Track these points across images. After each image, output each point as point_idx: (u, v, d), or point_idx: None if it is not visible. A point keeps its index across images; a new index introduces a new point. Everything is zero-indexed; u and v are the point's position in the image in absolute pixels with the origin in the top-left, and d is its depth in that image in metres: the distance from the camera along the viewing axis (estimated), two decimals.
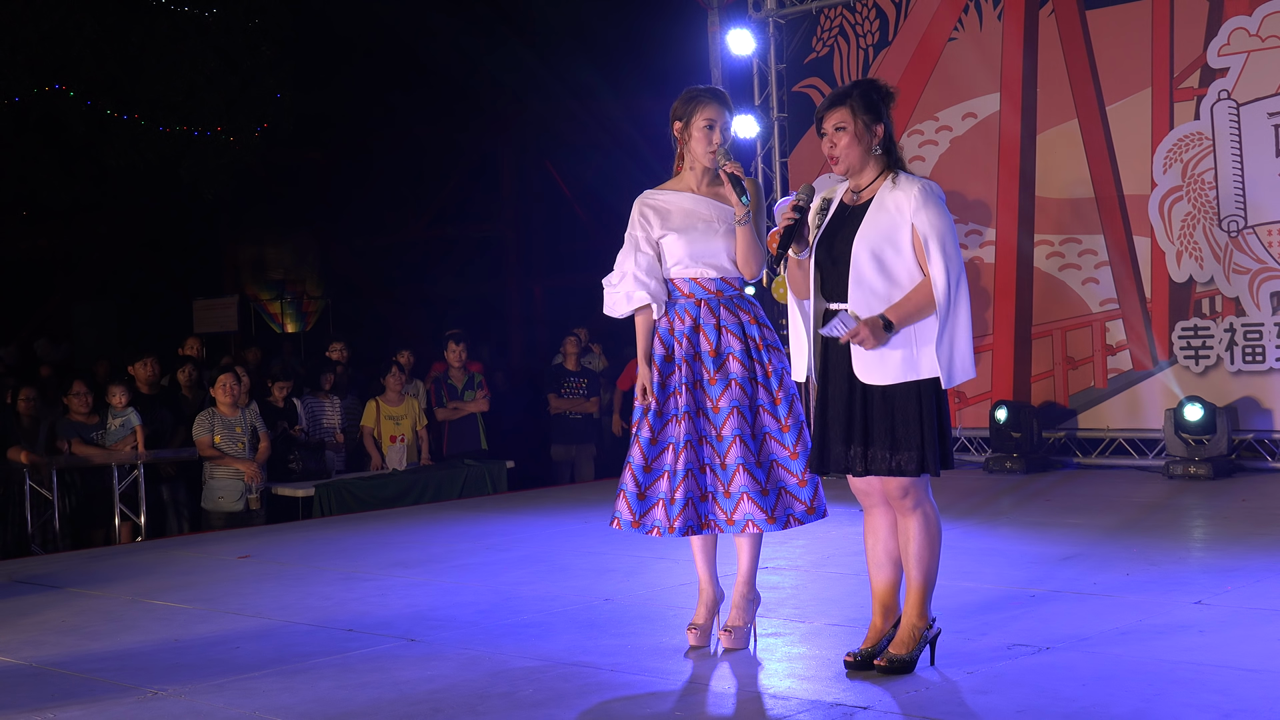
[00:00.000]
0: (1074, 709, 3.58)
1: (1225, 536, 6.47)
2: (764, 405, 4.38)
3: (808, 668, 4.19)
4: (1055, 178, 9.58)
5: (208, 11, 15.62)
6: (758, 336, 4.43)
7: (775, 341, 4.47)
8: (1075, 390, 9.52)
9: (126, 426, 8.92)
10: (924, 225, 3.95)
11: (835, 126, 4.07)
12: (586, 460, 10.74)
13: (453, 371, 10.30)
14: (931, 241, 3.94)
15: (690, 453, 4.37)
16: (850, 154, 4.07)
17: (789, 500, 4.34)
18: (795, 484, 4.34)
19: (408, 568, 6.38)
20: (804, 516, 4.36)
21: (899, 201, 3.99)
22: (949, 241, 3.95)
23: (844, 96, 4.09)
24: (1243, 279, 8.77)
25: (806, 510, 4.36)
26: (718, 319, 4.42)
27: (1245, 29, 8.71)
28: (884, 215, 4.00)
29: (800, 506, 4.35)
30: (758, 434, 4.36)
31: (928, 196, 3.98)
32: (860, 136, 4.06)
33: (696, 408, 4.40)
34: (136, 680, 4.37)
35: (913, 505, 4.02)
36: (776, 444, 4.36)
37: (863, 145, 4.06)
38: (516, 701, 3.91)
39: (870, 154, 4.08)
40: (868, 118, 4.06)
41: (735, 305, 4.45)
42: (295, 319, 20.88)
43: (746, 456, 4.31)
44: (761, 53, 10.85)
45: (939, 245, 3.94)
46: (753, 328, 4.43)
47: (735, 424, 4.34)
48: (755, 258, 4.42)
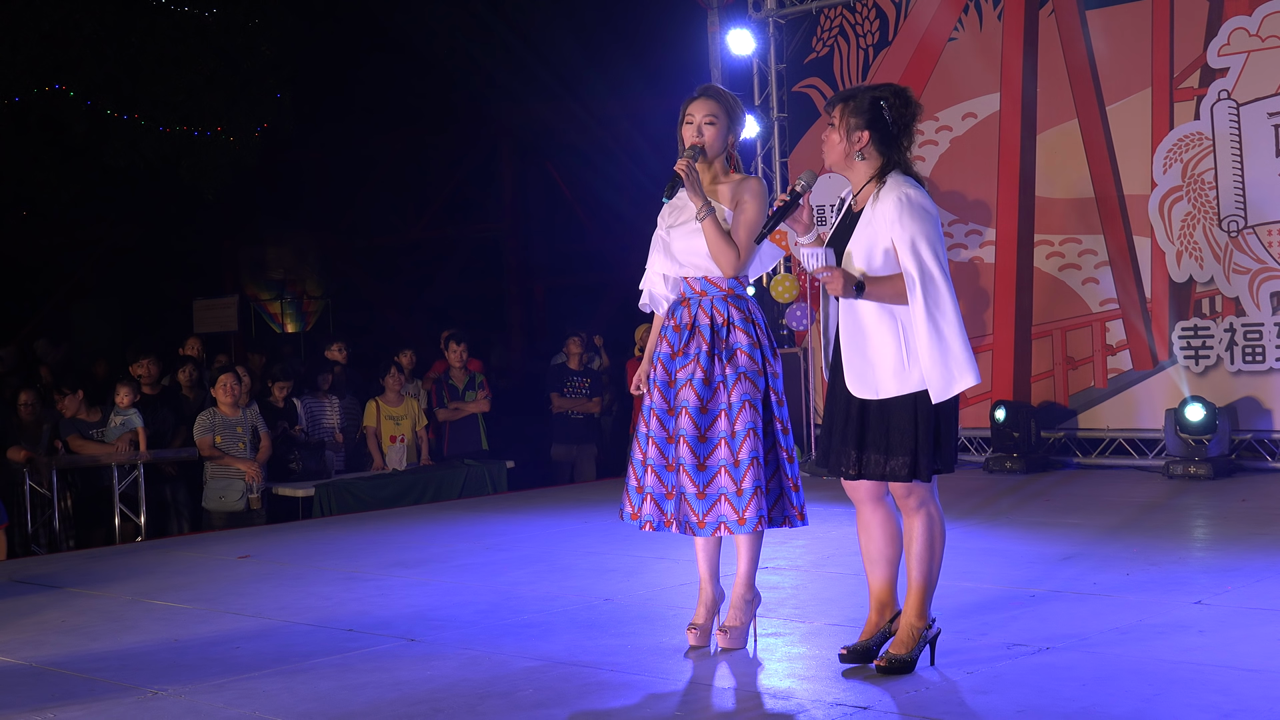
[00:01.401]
0: (1074, 709, 3.59)
1: (1225, 536, 6.47)
2: (724, 409, 4.32)
3: (808, 668, 4.19)
4: (1055, 178, 9.58)
5: (208, 11, 15.60)
6: (725, 339, 4.36)
7: (748, 345, 4.37)
8: (1075, 390, 9.52)
9: (127, 425, 8.95)
10: (899, 237, 3.95)
11: (827, 122, 4.15)
12: (588, 460, 10.73)
13: (453, 371, 10.30)
14: (904, 253, 3.92)
15: (656, 449, 4.38)
16: (830, 153, 4.14)
17: (724, 508, 4.26)
18: (733, 492, 4.25)
19: (408, 568, 6.38)
20: (734, 526, 4.25)
21: (882, 212, 3.99)
22: (924, 250, 3.90)
23: (849, 96, 4.11)
24: (1243, 279, 8.77)
25: (737, 520, 4.24)
26: (693, 320, 4.42)
27: (1245, 29, 8.71)
28: (869, 228, 4.02)
29: (733, 516, 4.24)
30: (710, 438, 4.29)
31: (903, 208, 3.94)
32: (843, 137, 4.08)
33: (667, 406, 4.41)
34: (136, 680, 4.37)
35: (917, 505, 4.02)
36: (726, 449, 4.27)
37: (841, 148, 4.09)
38: (516, 702, 3.91)
39: (851, 158, 4.08)
40: (855, 121, 4.06)
41: (714, 306, 4.41)
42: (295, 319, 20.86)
43: (689, 459, 4.27)
44: (761, 53, 10.85)
45: (913, 256, 3.90)
46: (724, 330, 4.37)
47: (683, 424, 4.30)
48: (721, 255, 4.36)
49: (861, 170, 4.10)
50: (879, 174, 4.07)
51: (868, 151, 4.07)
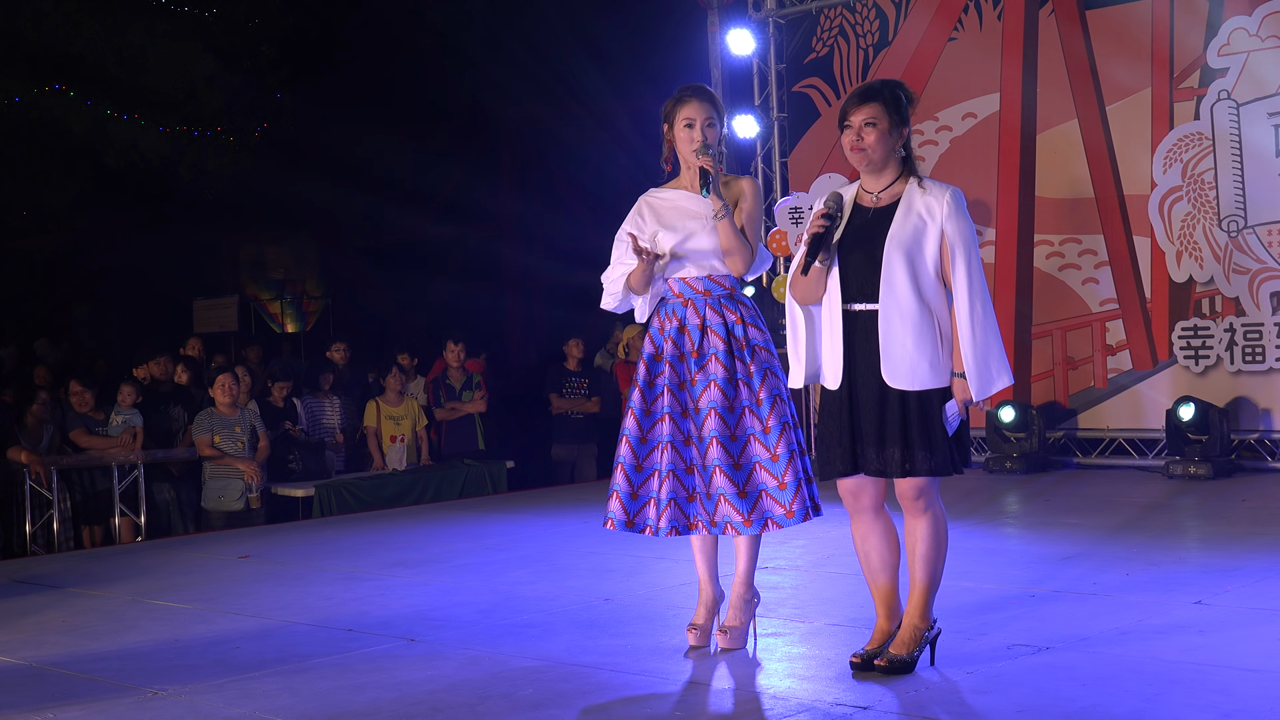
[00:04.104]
0: (1074, 709, 3.58)
1: (1225, 536, 6.47)
2: (748, 406, 4.33)
3: (807, 668, 4.19)
4: (1055, 178, 9.58)
5: (208, 11, 15.60)
6: (742, 336, 4.38)
7: (763, 341, 4.41)
8: (1075, 390, 9.53)
9: (129, 424, 8.97)
10: (953, 233, 3.97)
11: (865, 121, 4.03)
12: (588, 460, 10.73)
13: (451, 372, 10.29)
14: (959, 251, 3.96)
15: (674, 453, 4.36)
16: (878, 150, 4.04)
17: (768, 503, 4.27)
18: (775, 487, 4.26)
19: (408, 568, 6.38)
20: (782, 520, 4.26)
21: (930, 206, 3.99)
22: (974, 251, 3.99)
23: (876, 93, 4.06)
24: (1243, 279, 8.77)
25: (785, 514, 4.25)
26: (703, 319, 4.41)
27: (1245, 29, 8.72)
28: (913, 218, 4.00)
29: (779, 510, 4.26)
30: (740, 436, 4.31)
31: (958, 205, 4.01)
32: (887, 134, 4.04)
33: (681, 409, 4.40)
34: (136, 680, 4.37)
35: (925, 506, 4.03)
36: (759, 445, 4.30)
37: (888, 144, 4.05)
38: (516, 702, 3.91)
39: (894, 153, 4.08)
40: (897, 117, 4.06)
41: (722, 305, 4.42)
42: (295, 319, 20.86)
43: (724, 459, 4.28)
44: (761, 53, 10.85)
45: (965, 255, 3.96)
46: (739, 328, 4.39)
47: (713, 425, 4.30)
48: (739, 254, 4.38)
49: (892, 168, 4.10)
50: (906, 170, 4.09)
51: (903, 148, 4.09)
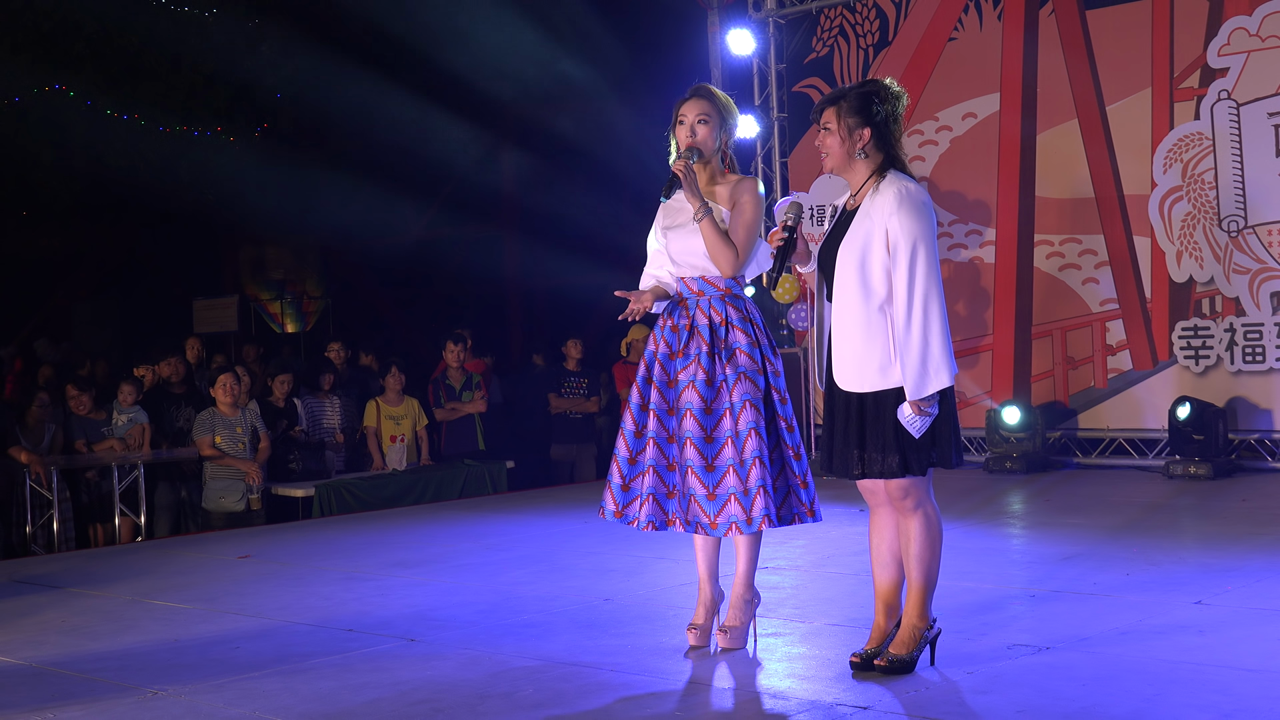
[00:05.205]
0: (1074, 709, 3.59)
1: (1225, 536, 6.47)
2: (729, 409, 4.30)
3: (808, 668, 4.19)
4: (1055, 178, 9.58)
5: (208, 11, 15.60)
6: (725, 338, 4.36)
7: (747, 345, 4.36)
8: (1075, 390, 9.52)
9: (134, 422, 8.98)
10: (895, 230, 3.96)
11: (823, 126, 4.14)
12: (587, 460, 10.73)
13: (451, 372, 10.29)
14: (901, 248, 3.94)
15: (657, 450, 4.38)
16: (833, 155, 4.14)
17: (734, 508, 4.25)
18: (740, 491, 4.24)
19: (408, 568, 6.38)
20: (743, 525, 4.24)
21: (879, 205, 4.01)
22: (919, 247, 3.92)
23: (838, 97, 4.15)
24: (1243, 279, 8.77)
25: (745, 519, 4.23)
26: (692, 320, 4.41)
27: (1245, 29, 8.72)
28: (866, 221, 4.03)
29: (742, 515, 4.24)
30: (716, 438, 4.29)
31: (902, 200, 3.97)
32: (843, 139, 4.09)
33: (667, 407, 4.41)
34: (136, 680, 4.37)
35: (913, 506, 4.03)
36: (732, 449, 4.27)
37: (845, 148, 4.10)
38: (516, 702, 3.91)
39: (853, 157, 4.10)
40: (853, 120, 4.08)
41: (712, 306, 4.41)
42: (295, 319, 20.85)
43: (697, 460, 4.27)
44: (761, 53, 10.85)
45: (908, 252, 3.92)
46: (723, 329, 4.37)
47: (689, 426, 4.29)
48: (721, 255, 4.36)
49: (862, 169, 4.12)
50: (879, 170, 4.09)
51: (869, 149, 4.09)
